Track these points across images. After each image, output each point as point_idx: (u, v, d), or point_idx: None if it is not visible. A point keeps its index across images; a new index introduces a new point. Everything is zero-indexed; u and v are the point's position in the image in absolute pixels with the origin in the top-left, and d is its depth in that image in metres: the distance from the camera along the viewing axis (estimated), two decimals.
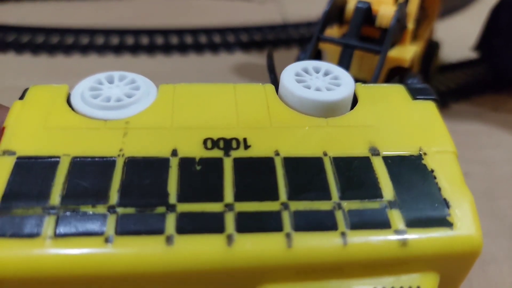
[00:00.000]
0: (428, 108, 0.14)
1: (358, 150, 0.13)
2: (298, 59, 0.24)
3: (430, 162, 0.13)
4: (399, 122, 0.14)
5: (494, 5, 0.30)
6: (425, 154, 0.13)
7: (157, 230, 0.10)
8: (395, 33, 0.22)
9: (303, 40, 0.37)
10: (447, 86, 0.32)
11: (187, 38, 0.37)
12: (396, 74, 0.23)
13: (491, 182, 0.24)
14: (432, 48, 0.30)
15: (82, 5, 0.43)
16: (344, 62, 0.21)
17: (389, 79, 0.23)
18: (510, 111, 0.30)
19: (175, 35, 0.37)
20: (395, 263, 0.11)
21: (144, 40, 0.36)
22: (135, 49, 0.34)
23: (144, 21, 0.39)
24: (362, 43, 0.22)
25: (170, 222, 0.10)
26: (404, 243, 0.11)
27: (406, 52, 0.23)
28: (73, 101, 0.13)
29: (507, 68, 0.30)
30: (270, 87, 0.14)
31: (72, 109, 0.13)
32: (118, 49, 0.34)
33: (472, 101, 0.31)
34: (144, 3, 0.44)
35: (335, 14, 0.24)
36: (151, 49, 0.35)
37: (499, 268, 0.19)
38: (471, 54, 0.34)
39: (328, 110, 0.14)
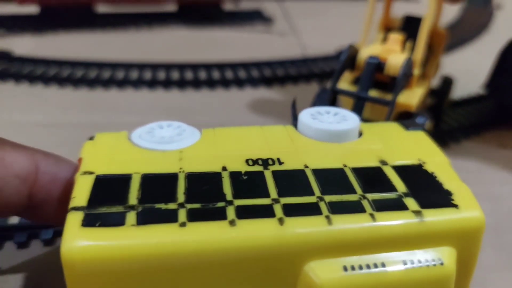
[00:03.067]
0: (420, 135, 0.18)
1: (370, 163, 0.15)
2: (314, 104, 0.26)
3: (429, 168, 0.15)
4: (399, 144, 0.17)
5: (503, 47, 0.32)
6: (424, 163, 0.16)
7: (221, 217, 0.12)
8: (403, 85, 0.24)
9: (323, 74, 0.39)
10: (459, 122, 0.33)
11: (214, 73, 0.39)
12: (405, 118, 0.24)
13: (498, 218, 0.25)
14: (446, 84, 0.31)
15: (109, 38, 0.45)
16: (357, 111, 0.23)
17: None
18: None
19: (202, 69, 0.39)
20: (416, 238, 0.13)
21: (175, 75, 0.38)
22: (167, 83, 0.36)
23: (166, 55, 0.41)
24: (373, 97, 0.24)
25: (231, 211, 0.13)
26: (421, 220, 0.13)
27: (413, 97, 0.25)
28: (134, 140, 0.16)
29: None
30: (291, 127, 0.18)
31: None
32: (137, 83, 0.36)
33: (481, 137, 0.32)
34: (168, 36, 0.46)
35: (348, 63, 0.26)
36: (181, 84, 0.36)
37: None
38: (479, 89, 0.35)
39: (339, 138, 0.17)
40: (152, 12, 0.48)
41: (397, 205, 0.14)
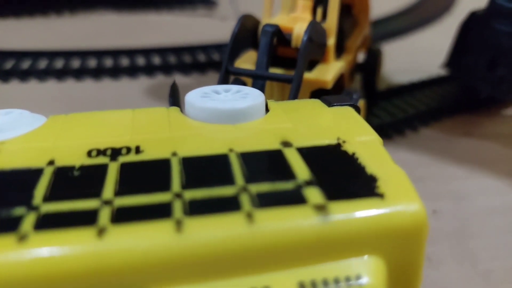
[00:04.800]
0: (345, 111, 0.14)
1: (269, 145, 0.12)
2: None
3: (350, 148, 0.12)
4: (314, 122, 0.13)
5: (462, 21, 0.29)
6: (344, 142, 0.12)
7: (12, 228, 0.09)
8: (308, 54, 0.20)
9: None
10: (415, 108, 0.30)
11: (138, 60, 0.35)
12: (320, 96, 0.21)
13: (461, 220, 0.22)
14: (373, 56, 0.29)
15: (27, 25, 0.41)
16: None
17: None
18: (482, 136, 0.29)
19: (124, 56, 0.35)
20: (320, 246, 0.09)
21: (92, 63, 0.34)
22: (80, 72, 0.33)
23: (87, 42, 0.38)
24: (272, 73, 0.20)
25: (30, 220, 0.09)
26: (325, 218, 0.09)
27: (328, 72, 0.22)
28: None
29: (478, 87, 0.28)
30: (175, 108, 0.14)
31: None
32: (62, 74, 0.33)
33: (442, 125, 0.30)
34: (93, 22, 0.42)
35: (247, 38, 0.22)
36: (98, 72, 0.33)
37: None
38: (441, 71, 0.33)
39: (233, 118, 0.13)
40: None
41: (292, 199, 0.10)
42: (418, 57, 0.39)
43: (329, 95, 0.18)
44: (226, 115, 0.13)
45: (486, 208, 0.23)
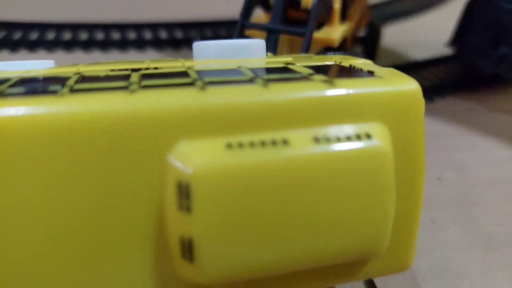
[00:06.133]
0: (340, 56, 0.15)
1: (274, 65, 0.13)
2: None
3: (346, 63, 0.13)
4: (314, 58, 0.14)
5: (468, 1, 0.30)
6: (341, 62, 0.13)
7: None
8: (318, 13, 0.22)
9: None
10: (421, 84, 0.31)
11: (146, 33, 0.36)
12: None
13: (464, 188, 0.23)
14: (373, 31, 0.31)
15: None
16: (270, 47, 0.22)
17: None
18: (484, 111, 0.30)
19: (131, 29, 0.36)
20: (330, 110, 0.10)
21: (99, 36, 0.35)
22: (88, 44, 0.33)
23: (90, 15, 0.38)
24: (286, 26, 0.22)
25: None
26: (332, 88, 0.10)
27: (334, 32, 0.24)
28: None
29: (481, 65, 0.29)
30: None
31: None
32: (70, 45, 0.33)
33: (446, 101, 0.31)
34: None
35: None
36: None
37: (473, 284, 0.18)
38: (446, 51, 0.34)
39: (237, 52, 0.14)
40: None
41: (300, 78, 0.11)
42: (425, 37, 0.40)
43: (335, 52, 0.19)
44: (231, 48, 0.13)
45: (487, 177, 0.23)
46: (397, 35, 0.40)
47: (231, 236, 0.09)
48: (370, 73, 0.11)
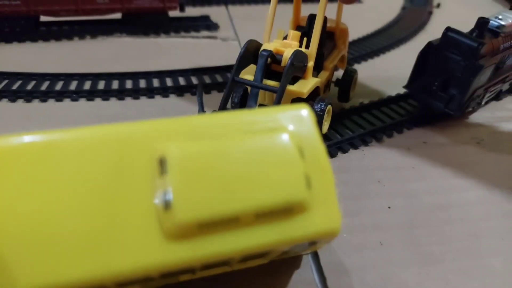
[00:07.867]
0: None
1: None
2: (224, 93, 0.29)
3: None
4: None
5: (422, 49, 0.33)
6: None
7: None
8: (290, 73, 0.27)
9: None
10: (381, 120, 0.34)
11: (154, 81, 0.38)
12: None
13: (410, 214, 0.25)
14: (349, 75, 0.34)
15: (55, 48, 0.44)
16: (252, 98, 0.27)
17: None
18: (435, 145, 0.32)
19: (141, 78, 0.38)
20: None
21: (115, 84, 0.37)
22: (106, 93, 0.36)
23: (107, 65, 0.40)
24: (263, 85, 0.27)
25: None
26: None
27: (305, 86, 0.28)
28: None
29: (433, 105, 0.33)
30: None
31: None
32: (91, 93, 0.36)
33: (403, 135, 0.33)
34: (111, 45, 0.44)
35: (250, 57, 0.29)
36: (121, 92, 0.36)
37: None
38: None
39: None
40: (96, 20, 0.48)
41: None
42: (390, 73, 0.42)
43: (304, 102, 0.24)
44: None
45: (430, 204, 0.26)
46: (365, 72, 0.41)
47: (191, 188, 0.14)
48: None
